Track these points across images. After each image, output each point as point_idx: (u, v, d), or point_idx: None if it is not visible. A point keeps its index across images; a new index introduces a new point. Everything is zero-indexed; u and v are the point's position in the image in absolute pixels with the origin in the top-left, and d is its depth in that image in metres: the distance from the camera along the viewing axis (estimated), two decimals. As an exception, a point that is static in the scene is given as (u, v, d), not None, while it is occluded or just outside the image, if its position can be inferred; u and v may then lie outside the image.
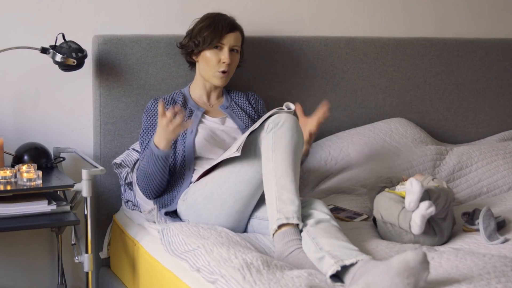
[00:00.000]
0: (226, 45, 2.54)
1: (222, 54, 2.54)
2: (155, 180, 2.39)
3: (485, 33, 3.54)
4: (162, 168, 2.36)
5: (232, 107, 2.66)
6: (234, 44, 2.57)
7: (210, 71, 2.56)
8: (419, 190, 2.10)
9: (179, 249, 2.11)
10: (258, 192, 2.26)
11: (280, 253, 2.03)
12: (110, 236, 2.71)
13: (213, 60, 2.54)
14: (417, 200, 2.10)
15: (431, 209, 2.08)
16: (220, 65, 2.54)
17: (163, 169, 2.37)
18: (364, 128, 3.08)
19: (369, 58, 3.18)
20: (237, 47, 2.59)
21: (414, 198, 2.10)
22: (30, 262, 2.76)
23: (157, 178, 2.38)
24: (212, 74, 2.56)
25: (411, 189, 2.11)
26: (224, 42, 2.54)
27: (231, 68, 2.58)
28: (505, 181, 2.88)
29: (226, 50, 2.54)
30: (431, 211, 2.08)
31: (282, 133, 2.16)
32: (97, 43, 2.67)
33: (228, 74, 2.57)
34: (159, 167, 2.36)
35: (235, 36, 2.57)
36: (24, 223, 2.22)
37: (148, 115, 2.52)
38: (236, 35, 2.58)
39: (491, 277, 1.79)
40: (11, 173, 2.29)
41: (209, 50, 2.55)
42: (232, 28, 2.57)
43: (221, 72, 2.54)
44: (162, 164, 2.35)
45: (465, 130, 3.43)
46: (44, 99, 2.70)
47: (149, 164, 2.36)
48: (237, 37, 2.59)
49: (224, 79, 2.57)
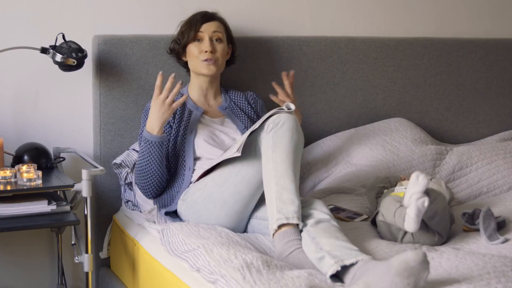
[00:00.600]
0: (205, 33, 2.57)
1: (203, 45, 2.56)
2: (152, 173, 2.38)
3: (485, 33, 3.54)
4: (158, 156, 2.36)
5: (231, 107, 2.66)
6: (214, 30, 2.58)
7: (196, 62, 2.57)
8: (425, 183, 2.03)
9: (179, 249, 2.11)
10: (258, 192, 2.26)
11: (280, 253, 2.03)
12: (110, 236, 2.71)
13: (196, 52, 2.56)
14: (420, 192, 2.02)
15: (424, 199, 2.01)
16: (203, 55, 2.55)
17: (159, 158, 2.36)
18: (364, 128, 3.08)
19: (369, 58, 3.18)
20: (218, 35, 2.59)
21: (418, 189, 2.02)
22: (30, 262, 2.76)
23: (154, 169, 2.37)
24: (198, 64, 2.57)
25: (416, 182, 2.04)
26: (202, 31, 2.57)
27: (217, 57, 2.57)
28: (505, 181, 2.88)
29: (206, 39, 2.56)
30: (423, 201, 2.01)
31: (282, 133, 2.16)
32: (97, 43, 2.67)
33: (215, 63, 2.57)
34: (156, 155, 2.35)
35: (213, 25, 2.59)
36: (24, 223, 2.22)
37: (147, 115, 2.52)
38: (215, 24, 2.60)
39: (491, 277, 1.79)
40: (11, 173, 2.29)
41: (191, 44, 2.58)
42: (208, 18, 2.59)
43: (205, 61, 2.55)
44: (157, 151, 2.35)
45: (465, 130, 3.43)
46: (44, 99, 2.71)
47: (144, 155, 2.36)
48: (217, 26, 2.60)
49: (211, 67, 2.56)
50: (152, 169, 2.38)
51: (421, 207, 2.03)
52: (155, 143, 2.35)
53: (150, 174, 2.39)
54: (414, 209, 2.02)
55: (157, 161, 2.37)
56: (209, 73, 2.58)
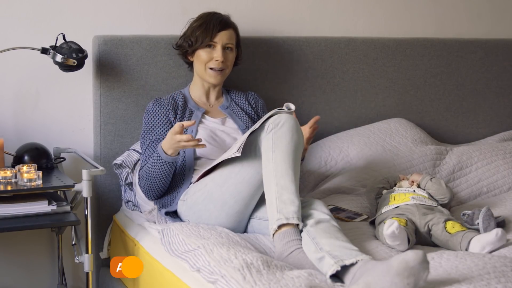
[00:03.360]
0: (218, 43, 2.55)
1: (215, 52, 2.55)
2: (159, 183, 2.39)
3: (485, 33, 3.54)
4: (167, 172, 2.37)
5: (232, 107, 2.66)
6: (227, 42, 2.57)
7: (203, 68, 2.57)
8: (389, 235, 2.10)
9: (179, 249, 2.11)
10: (258, 193, 2.26)
11: (280, 253, 2.03)
12: (110, 236, 2.71)
13: (206, 59, 2.55)
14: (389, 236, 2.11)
15: (391, 228, 2.08)
16: (212, 62, 2.55)
17: (168, 173, 2.37)
18: (364, 128, 3.09)
19: (369, 59, 3.18)
20: (230, 45, 2.58)
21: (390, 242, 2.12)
22: (30, 262, 2.76)
23: (161, 181, 2.38)
24: (205, 71, 2.57)
25: (385, 232, 2.11)
26: (216, 40, 2.55)
27: (226, 66, 2.58)
28: (505, 181, 2.88)
29: (219, 48, 2.54)
30: (391, 230, 2.08)
31: (282, 133, 2.16)
32: (97, 43, 2.67)
33: (223, 72, 2.57)
34: (165, 171, 2.36)
35: (228, 34, 2.57)
36: (25, 223, 2.22)
37: (149, 116, 2.52)
38: (229, 33, 2.58)
39: (491, 277, 1.79)
40: (12, 174, 2.29)
41: (203, 49, 2.56)
42: (224, 26, 2.57)
43: (213, 70, 2.55)
44: (168, 169, 2.36)
45: (465, 130, 3.43)
46: (44, 99, 2.71)
47: (155, 168, 2.36)
48: (230, 35, 2.59)
49: (219, 77, 2.57)
50: (159, 181, 2.39)
51: (389, 234, 2.09)
52: (168, 163, 2.36)
53: (157, 184, 2.40)
54: (386, 237, 2.11)
55: (166, 176, 2.38)
56: (215, 83, 2.58)
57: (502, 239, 2.09)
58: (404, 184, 2.52)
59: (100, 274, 2.78)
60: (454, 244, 2.14)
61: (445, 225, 2.19)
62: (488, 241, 2.08)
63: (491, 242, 2.08)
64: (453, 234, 2.16)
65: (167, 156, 2.34)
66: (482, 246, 2.08)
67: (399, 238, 2.09)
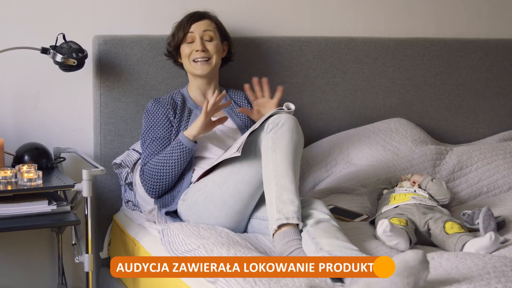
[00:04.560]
0: (195, 33, 2.57)
1: (194, 44, 2.57)
2: (171, 173, 2.38)
3: (485, 33, 3.54)
4: (184, 161, 2.38)
5: (231, 106, 2.66)
6: (204, 29, 2.58)
7: (188, 63, 2.58)
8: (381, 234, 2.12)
9: (179, 249, 2.11)
10: (258, 192, 2.26)
11: (280, 253, 2.03)
12: (110, 236, 2.71)
13: (188, 52, 2.57)
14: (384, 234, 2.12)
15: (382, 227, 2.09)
16: (193, 54, 2.56)
17: (184, 162, 2.38)
18: (364, 128, 3.08)
19: (369, 58, 3.18)
20: (209, 34, 2.58)
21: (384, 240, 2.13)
22: (30, 262, 2.76)
23: (174, 171, 2.38)
24: (190, 65, 2.58)
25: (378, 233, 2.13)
26: (192, 31, 2.57)
27: (210, 55, 2.57)
28: (505, 181, 2.88)
29: (197, 39, 2.56)
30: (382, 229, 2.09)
31: (282, 133, 2.16)
32: (98, 43, 2.68)
33: (209, 62, 2.57)
34: (183, 159, 2.37)
35: (203, 23, 2.59)
36: (25, 223, 2.22)
37: (148, 116, 2.52)
38: (205, 22, 2.59)
39: (491, 277, 1.79)
40: (12, 173, 2.29)
41: (183, 45, 2.59)
42: (198, 17, 2.59)
43: (196, 62, 2.56)
44: (185, 156, 2.37)
45: (465, 130, 3.43)
46: (44, 99, 2.71)
47: (172, 155, 2.37)
48: (207, 24, 2.60)
49: (205, 67, 2.57)
50: (171, 172, 2.38)
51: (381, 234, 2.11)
52: (188, 149, 2.37)
53: (167, 176, 2.39)
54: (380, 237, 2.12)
55: (181, 164, 2.38)
56: (203, 73, 2.58)
57: (496, 243, 2.08)
58: (406, 184, 2.52)
59: (100, 274, 2.78)
60: (449, 245, 2.14)
61: (444, 225, 2.19)
62: (482, 246, 2.07)
63: (485, 247, 2.07)
64: (450, 235, 2.15)
65: (189, 141, 2.36)
66: (476, 250, 2.07)
67: (394, 237, 2.09)
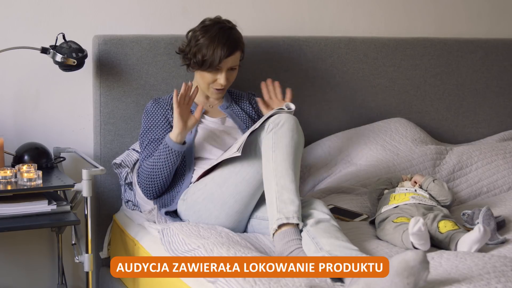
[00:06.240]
0: (223, 67, 2.48)
1: (219, 75, 2.49)
2: (161, 176, 2.38)
3: (485, 33, 3.54)
4: (172, 163, 2.36)
5: (232, 107, 2.66)
6: (232, 65, 2.50)
7: (205, 86, 2.53)
8: (415, 233, 2.08)
9: (179, 249, 2.11)
10: (258, 192, 2.26)
11: (280, 253, 2.03)
12: (110, 236, 2.71)
13: (210, 80, 2.51)
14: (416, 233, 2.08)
15: (418, 225, 2.05)
16: (215, 84, 2.52)
17: (172, 165, 2.37)
18: (364, 128, 3.08)
19: (369, 58, 3.18)
20: (235, 66, 2.53)
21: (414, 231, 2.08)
22: (30, 262, 2.76)
23: (164, 174, 2.37)
24: (207, 89, 2.54)
25: (412, 230, 2.07)
26: (222, 66, 2.48)
27: (229, 84, 2.55)
28: (505, 181, 2.88)
29: (223, 72, 2.49)
30: (418, 227, 2.05)
31: (283, 133, 2.16)
32: (97, 43, 2.67)
33: (224, 89, 2.56)
34: (170, 162, 2.35)
35: (234, 58, 2.49)
36: (24, 223, 2.22)
37: (148, 116, 2.52)
38: (235, 56, 2.50)
39: (491, 277, 1.79)
40: (12, 173, 2.29)
41: (207, 71, 2.49)
42: (232, 50, 2.47)
43: (216, 90, 2.54)
44: (173, 159, 2.35)
45: (465, 130, 3.43)
46: (44, 99, 2.71)
47: (160, 159, 2.36)
48: (236, 57, 2.51)
49: (220, 95, 2.57)
50: (162, 174, 2.38)
51: (416, 232, 2.06)
52: (175, 151, 2.35)
53: (159, 178, 2.39)
54: (413, 237, 2.07)
55: (170, 167, 2.37)
56: (217, 98, 2.59)
57: (486, 234, 2.06)
58: (407, 184, 2.52)
59: (100, 274, 2.78)
60: (445, 245, 2.14)
61: (438, 225, 2.19)
62: (473, 240, 2.06)
63: (476, 240, 2.06)
64: (443, 234, 2.15)
65: (174, 143, 2.34)
66: (469, 246, 2.06)
67: (423, 236, 2.07)
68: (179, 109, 2.35)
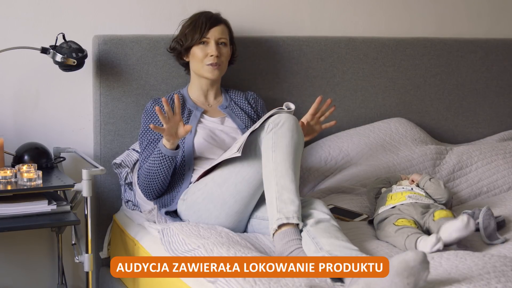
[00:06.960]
0: (211, 38, 2.56)
1: (209, 48, 2.56)
2: (158, 182, 2.39)
3: (485, 33, 3.54)
4: (167, 169, 2.36)
5: (232, 107, 2.66)
6: (220, 36, 2.58)
7: (200, 66, 2.57)
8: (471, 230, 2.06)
9: (179, 249, 2.11)
10: (258, 192, 2.26)
11: (280, 253, 2.03)
12: (110, 236, 2.71)
13: (201, 55, 2.56)
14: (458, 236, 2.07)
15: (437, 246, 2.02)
16: (208, 58, 2.56)
17: (167, 170, 2.37)
18: (364, 128, 3.08)
19: (369, 58, 3.18)
20: (223, 40, 2.59)
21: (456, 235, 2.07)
22: (30, 262, 2.76)
23: (160, 179, 2.38)
24: (202, 67, 2.57)
25: (464, 225, 2.06)
26: (209, 36, 2.56)
27: (221, 61, 2.58)
28: (505, 181, 2.88)
29: (212, 43, 2.56)
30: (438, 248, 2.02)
31: (282, 133, 2.16)
32: (97, 43, 2.67)
33: (219, 67, 2.58)
34: (165, 167, 2.36)
35: (219, 29, 2.59)
36: (24, 223, 2.22)
37: (147, 116, 2.52)
38: (221, 28, 2.59)
39: (491, 277, 1.79)
40: (11, 173, 2.29)
41: (196, 46, 2.57)
42: (214, 22, 2.59)
43: (210, 65, 2.55)
44: (167, 164, 2.35)
45: (465, 130, 3.43)
46: (44, 99, 2.71)
47: (155, 163, 2.36)
48: (222, 30, 2.60)
49: (216, 72, 2.57)
50: (158, 178, 2.38)
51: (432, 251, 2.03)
52: (168, 157, 2.35)
53: (156, 181, 2.39)
54: None
55: (165, 171, 2.37)
56: (213, 77, 2.59)
57: (468, 226, 2.05)
58: (404, 183, 2.52)
59: (100, 273, 2.78)
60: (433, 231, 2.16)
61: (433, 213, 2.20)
62: (453, 228, 2.05)
63: (456, 229, 2.05)
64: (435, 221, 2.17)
65: (166, 149, 2.34)
66: (449, 233, 2.05)
67: None
68: (168, 126, 2.28)
